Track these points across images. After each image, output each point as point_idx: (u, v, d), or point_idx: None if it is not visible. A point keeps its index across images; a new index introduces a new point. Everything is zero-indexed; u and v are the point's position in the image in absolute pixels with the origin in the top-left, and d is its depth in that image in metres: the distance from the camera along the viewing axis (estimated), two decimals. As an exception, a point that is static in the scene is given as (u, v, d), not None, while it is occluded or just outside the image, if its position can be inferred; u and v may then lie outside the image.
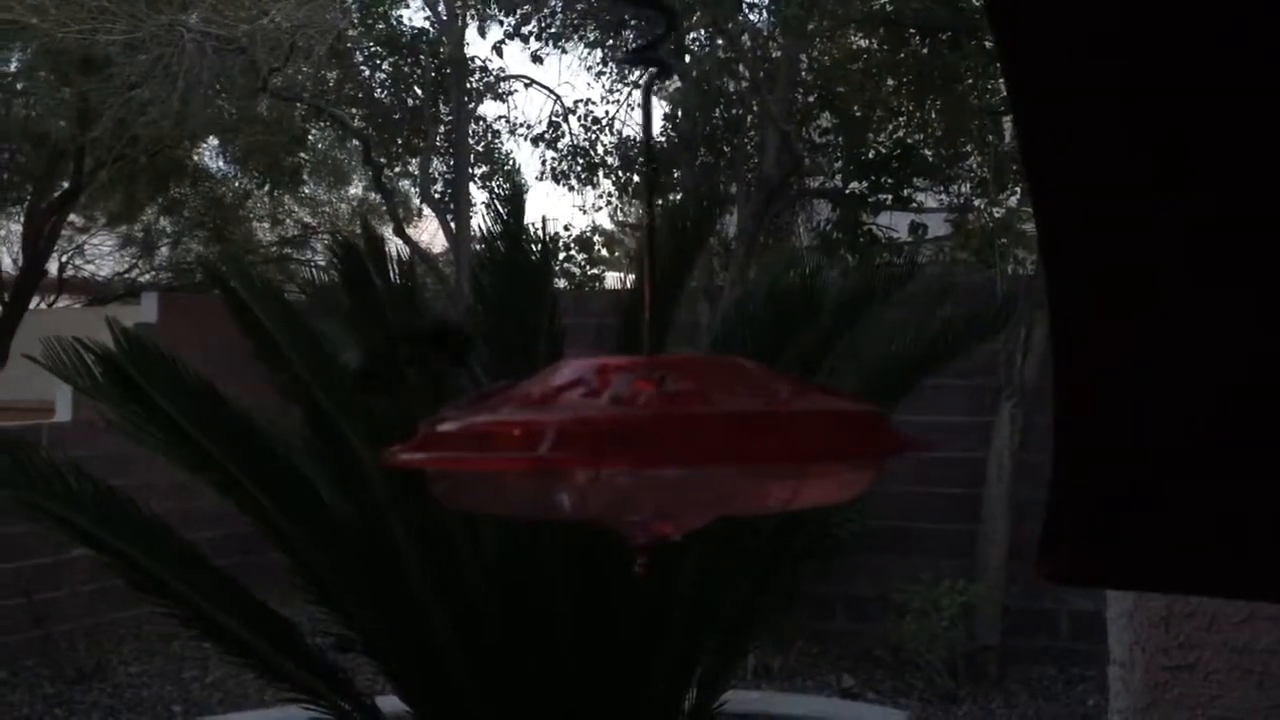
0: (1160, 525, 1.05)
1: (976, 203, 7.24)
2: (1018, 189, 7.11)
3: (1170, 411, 1.00)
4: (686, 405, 0.64)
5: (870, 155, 7.63)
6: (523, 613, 2.82)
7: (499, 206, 2.92)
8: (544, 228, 2.80)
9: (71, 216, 11.01)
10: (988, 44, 6.98)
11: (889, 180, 7.41)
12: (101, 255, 13.03)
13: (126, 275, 12.92)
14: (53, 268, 11.87)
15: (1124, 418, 1.03)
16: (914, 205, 7.63)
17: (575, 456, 0.62)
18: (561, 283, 9.33)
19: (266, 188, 11.79)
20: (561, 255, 9.60)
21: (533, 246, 2.81)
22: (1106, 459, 1.04)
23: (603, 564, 2.67)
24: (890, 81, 7.78)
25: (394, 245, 7.53)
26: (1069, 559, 1.13)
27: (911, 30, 7.29)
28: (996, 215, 6.89)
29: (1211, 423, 0.99)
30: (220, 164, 11.90)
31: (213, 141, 11.18)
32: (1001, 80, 7.11)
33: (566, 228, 10.00)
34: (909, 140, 7.80)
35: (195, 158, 11.44)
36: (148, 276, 12.63)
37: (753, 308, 2.92)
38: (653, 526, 0.67)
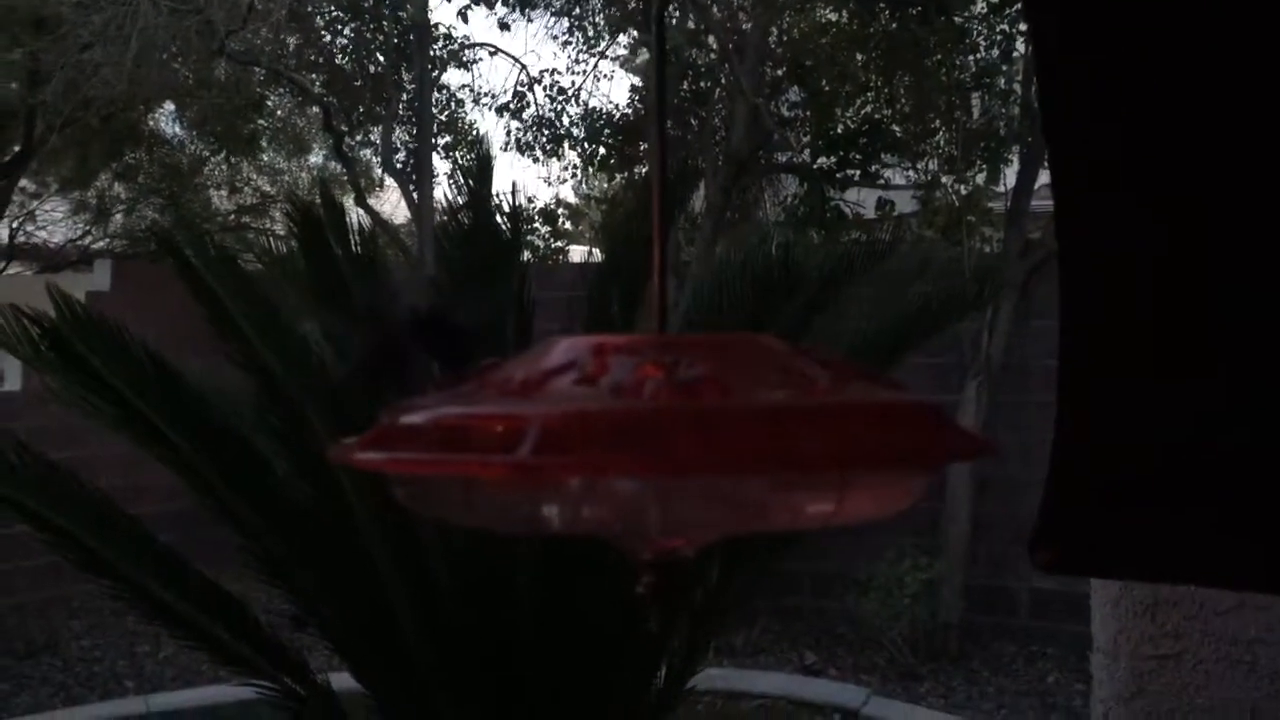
0: (1157, 516, 1.03)
1: (944, 180, 7.19)
2: (985, 166, 7.08)
3: (1170, 407, 0.99)
4: (703, 397, 0.53)
5: (838, 130, 7.57)
6: (486, 592, 2.75)
7: (465, 175, 2.81)
8: (514, 196, 2.69)
9: (23, 181, 10.73)
10: (957, 19, 6.93)
11: (857, 156, 7.35)
12: (54, 221, 12.71)
13: (80, 242, 12.62)
14: (3, 234, 11.58)
15: (1124, 412, 1.02)
16: (881, 181, 7.58)
17: (561, 462, 0.50)
18: (525, 255, 9.22)
19: (223, 154, 11.54)
20: (525, 228, 9.49)
21: (502, 217, 2.71)
22: (1105, 451, 1.03)
23: (570, 544, 2.60)
24: (859, 56, 7.71)
25: (355, 215, 7.38)
26: (1066, 548, 1.10)
27: (881, 4, 7.21)
28: (963, 192, 6.85)
29: (1210, 416, 0.97)
30: (176, 129, 11.64)
31: (168, 106, 10.92)
32: (972, 58, 7.09)
33: (530, 200, 9.88)
34: (877, 116, 7.74)
35: (150, 122, 11.18)
36: (102, 244, 12.34)
37: (729, 283, 2.83)
38: (661, 540, 0.57)
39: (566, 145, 9.39)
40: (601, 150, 9.02)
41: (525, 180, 12.27)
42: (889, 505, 0.59)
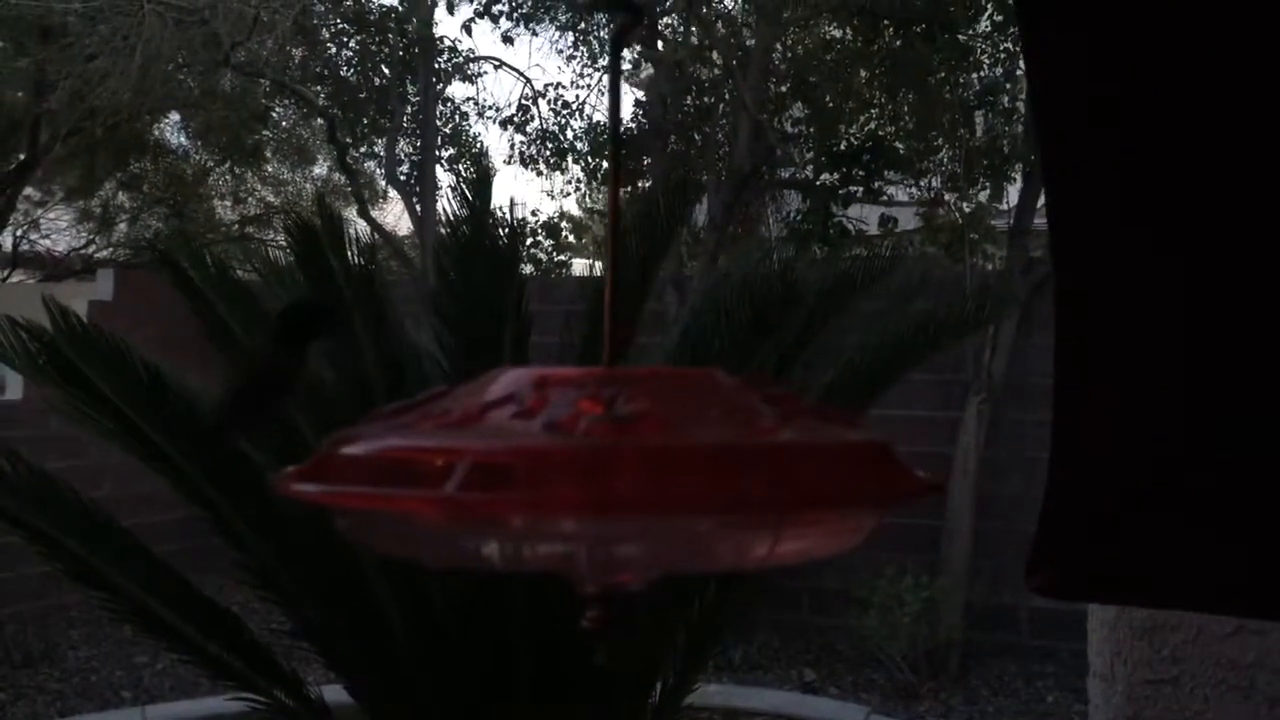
0: (1153, 540, 1.03)
1: (947, 197, 7.19)
2: (988, 184, 7.08)
3: (1166, 428, 0.99)
4: (640, 435, 0.51)
5: (841, 147, 7.56)
6: (479, 607, 2.73)
7: (465, 188, 2.81)
8: (511, 210, 2.69)
9: (27, 190, 10.75)
10: (961, 37, 6.93)
11: (860, 172, 7.34)
12: (58, 230, 12.73)
13: (83, 251, 12.64)
14: (7, 242, 11.60)
15: (1118, 437, 1.01)
16: (884, 198, 7.57)
17: (484, 499, 0.49)
18: (528, 269, 9.21)
19: (228, 165, 11.57)
20: (529, 241, 9.49)
21: (500, 230, 2.70)
22: (1101, 474, 1.03)
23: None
24: (863, 73, 7.71)
25: (357, 227, 7.38)
26: (1062, 572, 1.10)
27: (885, 21, 7.22)
28: (966, 209, 6.85)
29: (1204, 445, 0.97)
30: (181, 139, 11.67)
31: (173, 116, 10.96)
32: (976, 75, 7.09)
33: (534, 213, 9.89)
34: (881, 132, 7.73)
35: (155, 132, 11.20)
36: (105, 253, 12.35)
37: (728, 298, 2.82)
38: (602, 576, 0.56)
39: (570, 159, 9.40)
40: (605, 164, 9.02)
41: (529, 193, 12.33)
42: (834, 545, 0.57)
